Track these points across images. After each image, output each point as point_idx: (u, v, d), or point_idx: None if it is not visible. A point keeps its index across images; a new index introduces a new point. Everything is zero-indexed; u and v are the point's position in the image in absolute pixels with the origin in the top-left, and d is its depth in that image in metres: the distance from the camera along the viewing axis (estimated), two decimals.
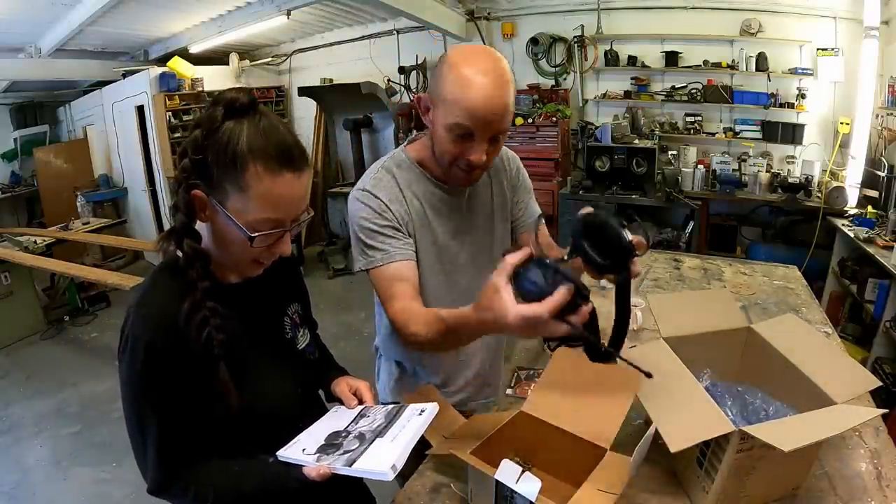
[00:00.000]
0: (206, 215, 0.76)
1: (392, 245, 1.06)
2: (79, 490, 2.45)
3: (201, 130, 0.72)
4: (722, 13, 4.07)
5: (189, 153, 0.73)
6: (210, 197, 0.74)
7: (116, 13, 3.93)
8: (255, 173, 0.71)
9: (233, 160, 0.71)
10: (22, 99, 6.18)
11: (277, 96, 6.07)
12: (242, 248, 0.77)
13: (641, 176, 4.30)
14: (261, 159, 0.71)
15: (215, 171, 0.72)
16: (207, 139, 0.72)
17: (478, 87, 0.91)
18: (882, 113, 3.56)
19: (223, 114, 0.72)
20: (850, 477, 1.00)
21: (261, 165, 0.71)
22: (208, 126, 0.72)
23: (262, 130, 0.72)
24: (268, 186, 0.72)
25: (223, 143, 0.71)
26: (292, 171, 0.74)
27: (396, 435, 0.81)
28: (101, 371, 3.47)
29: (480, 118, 0.94)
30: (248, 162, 0.71)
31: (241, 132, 0.71)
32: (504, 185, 1.26)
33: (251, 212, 0.73)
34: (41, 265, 3.87)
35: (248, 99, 0.73)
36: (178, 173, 0.75)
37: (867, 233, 3.15)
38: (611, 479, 0.84)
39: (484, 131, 0.96)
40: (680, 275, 2.12)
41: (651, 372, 0.85)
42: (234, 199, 0.73)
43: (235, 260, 0.81)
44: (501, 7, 4.86)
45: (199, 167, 0.73)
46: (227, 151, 0.71)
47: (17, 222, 6.11)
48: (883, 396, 2.40)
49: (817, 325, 1.61)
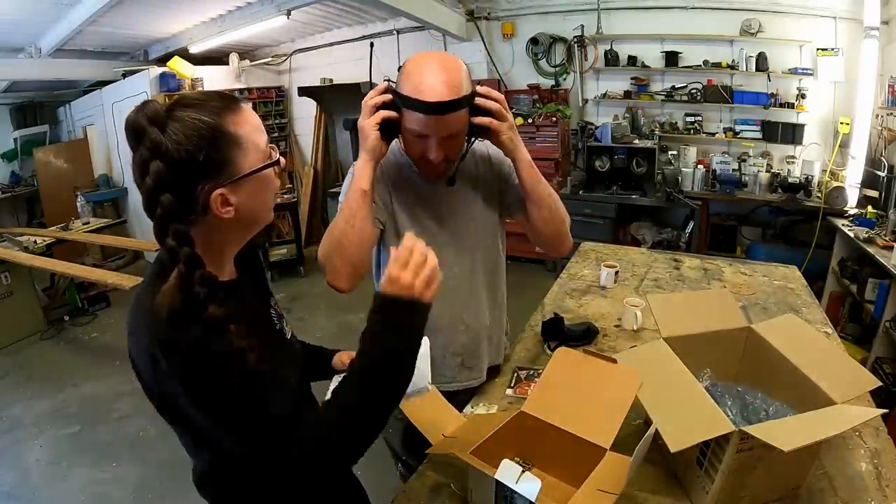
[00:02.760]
0: (231, 204, 0.74)
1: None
2: (79, 490, 2.45)
3: (160, 160, 0.67)
4: (722, 13, 4.07)
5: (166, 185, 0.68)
6: (227, 183, 0.73)
7: (116, 13, 3.92)
8: (233, 123, 0.73)
9: (214, 133, 0.71)
10: (22, 99, 6.17)
11: (277, 96, 6.07)
12: (269, 191, 0.80)
13: (641, 176, 4.30)
14: (225, 111, 0.73)
15: (214, 156, 0.71)
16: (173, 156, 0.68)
17: (426, 95, 1.01)
18: (882, 113, 3.56)
19: (159, 130, 0.69)
20: (850, 477, 1.00)
21: (230, 114, 0.73)
22: (160, 150, 0.68)
23: (199, 99, 0.73)
24: (247, 122, 0.75)
25: (194, 135, 0.69)
26: (241, 102, 0.78)
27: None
28: (101, 371, 3.47)
29: (431, 125, 1.05)
30: (222, 122, 0.72)
31: (191, 116, 0.70)
32: (492, 180, 1.29)
33: (256, 150, 0.76)
34: (41, 265, 3.86)
35: (158, 105, 0.71)
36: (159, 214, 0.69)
37: (867, 233, 3.15)
38: (611, 479, 0.84)
39: (436, 133, 1.06)
40: (680, 275, 2.12)
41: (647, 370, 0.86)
42: (241, 156, 0.74)
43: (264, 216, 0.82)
44: (501, 7, 4.86)
45: (198, 172, 0.71)
46: (204, 134, 0.70)
47: (17, 222, 6.10)
48: (883, 396, 2.39)
49: (817, 325, 1.61)
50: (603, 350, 1.52)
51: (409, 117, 1.06)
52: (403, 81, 1.06)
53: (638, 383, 0.96)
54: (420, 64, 1.05)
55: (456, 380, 1.34)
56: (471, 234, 1.27)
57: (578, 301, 1.89)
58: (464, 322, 1.31)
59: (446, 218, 1.25)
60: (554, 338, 1.54)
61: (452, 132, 1.08)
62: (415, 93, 1.02)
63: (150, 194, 0.68)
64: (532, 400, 1.05)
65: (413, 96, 1.02)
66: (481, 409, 1.31)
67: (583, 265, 2.23)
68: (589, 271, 2.15)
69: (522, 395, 1.34)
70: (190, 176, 0.70)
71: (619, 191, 4.33)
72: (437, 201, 1.24)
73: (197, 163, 0.69)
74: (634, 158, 4.28)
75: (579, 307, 1.84)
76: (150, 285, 0.74)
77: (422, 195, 1.24)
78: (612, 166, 4.35)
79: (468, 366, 1.35)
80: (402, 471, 1.45)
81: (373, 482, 1.07)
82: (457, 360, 1.33)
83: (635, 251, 2.45)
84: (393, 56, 5.17)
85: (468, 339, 1.33)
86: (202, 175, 0.71)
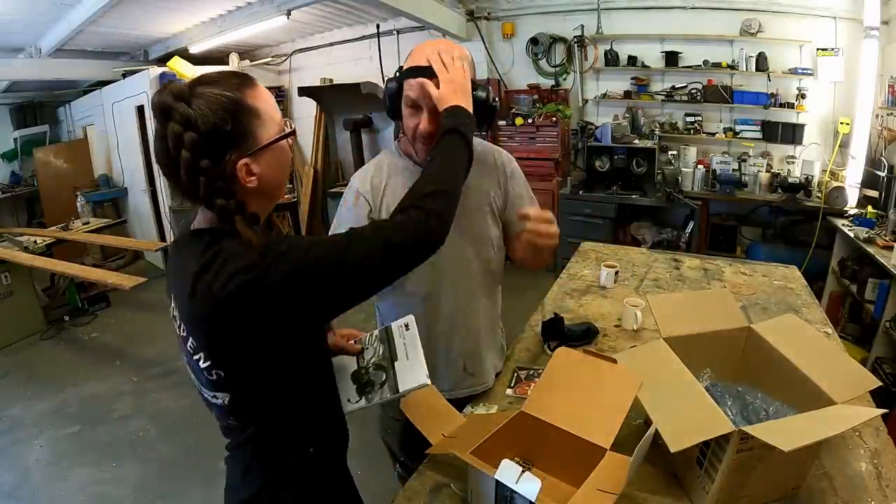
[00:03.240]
0: (254, 174, 0.79)
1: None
2: (79, 490, 2.45)
3: (191, 131, 0.72)
4: (722, 13, 4.07)
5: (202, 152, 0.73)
6: (250, 153, 0.78)
7: (116, 13, 3.92)
8: (252, 97, 0.79)
9: (238, 107, 0.76)
10: (22, 99, 6.17)
11: (277, 96, 6.06)
12: (286, 163, 0.87)
13: (641, 176, 4.30)
14: (244, 87, 0.79)
15: (239, 128, 0.77)
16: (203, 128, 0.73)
17: (416, 61, 1.10)
18: (882, 113, 3.56)
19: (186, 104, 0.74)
20: (850, 477, 1.00)
21: (248, 89, 0.79)
22: (190, 122, 0.73)
23: (219, 77, 0.78)
24: (264, 96, 0.82)
25: (220, 108, 0.75)
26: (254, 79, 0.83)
27: (406, 353, 0.99)
28: (101, 371, 3.47)
29: (419, 90, 1.09)
30: (243, 97, 0.77)
31: (214, 92, 0.75)
32: (496, 181, 1.31)
33: (274, 121, 0.82)
34: (41, 265, 3.86)
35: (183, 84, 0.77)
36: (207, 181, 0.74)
37: (867, 233, 3.15)
38: (611, 479, 0.84)
39: (425, 102, 1.10)
40: (680, 275, 2.12)
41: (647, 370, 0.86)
42: (261, 128, 0.79)
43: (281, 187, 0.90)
44: (501, 7, 4.86)
45: (225, 143, 0.76)
46: (230, 107, 0.75)
47: (17, 222, 6.10)
48: (883, 396, 2.40)
49: (817, 325, 1.61)
50: (603, 350, 1.52)
51: (406, 86, 1.12)
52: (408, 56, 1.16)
53: (638, 383, 0.96)
54: (423, 43, 1.15)
55: (460, 387, 1.33)
56: (468, 236, 1.26)
57: (578, 301, 1.89)
58: (465, 325, 1.30)
59: None
60: (554, 338, 1.54)
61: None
62: (409, 62, 1.13)
63: (190, 164, 0.73)
64: (532, 400, 1.05)
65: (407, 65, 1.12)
66: (481, 409, 1.31)
67: (583, 265, 2.23)
68: (589, 271, 2.15)
69: (522, 395, 1.34)
70: (219, 146, 0.75)
71: (619, 191, 4.33)
72: None
73: (224, 133, 0.75)
74: (634, 158, 4.28)
75: (579, 307, 1.84)
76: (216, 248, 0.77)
77: None
78: (612, 166, 4.35)
79: (471, 371, 1.34)
80: (399, 472, 1.44)
81: (372, 482, 1.07)
82: (459, 365, 1.32)
83: (635, 251, 2.45)
84: (393, 56, 5.17)
85: (469, 342, 1.32)
86: (229, 145, 0.76)
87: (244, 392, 0.83)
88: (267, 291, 0.74)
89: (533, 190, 1.40)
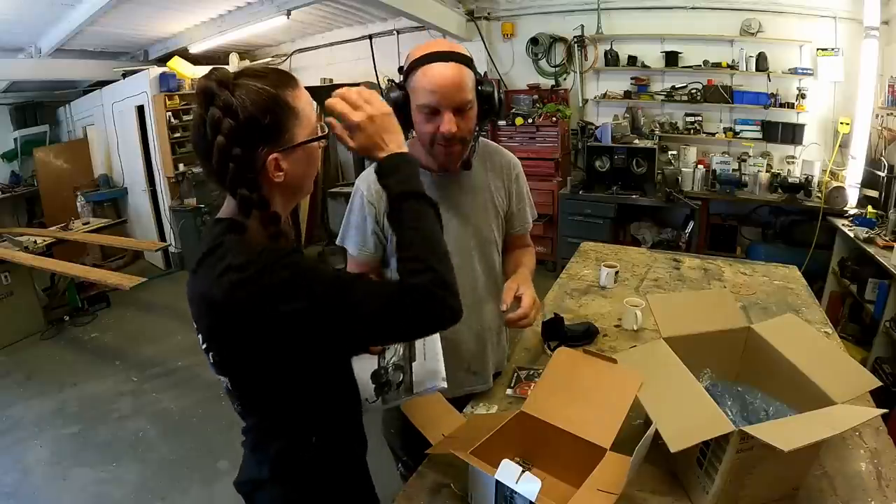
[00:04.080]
0: (282, 170, 0.80)
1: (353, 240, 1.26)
2: (79, 490, 2.45)
3: (230, 118, 0.74)
4: (722, 13, 4.07)
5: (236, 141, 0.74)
6: (282, 149, 0.79)
7: (116, 13, 3.92)
8: (293, 97, 0.80)
9: (278, 103, 0.77)
10: (22, 99, 6.17)
11: None
12: (314, 164, 0.87)
13: (641, 176, 4.30)
14: (287, 85, 0.79)
15: (276, 123, 0.77)
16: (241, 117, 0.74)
17: (433, 68, 1.08)
18: (882, 113, 3.56)
19: (230, 92, 0.75)
20: (850, 477, 1.00)
21: (290, 89, 0.80)
22: (231, 110, 0.74)
23: (264, 73, 0.79)
24: (304, 98, 0.82)
25: (260, 101, 0.76)
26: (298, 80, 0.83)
27: (425, 353, 0.98)
28: (101, 371, 3.47)
29: (439, 93, 1.08)
30: (284, 95, 0.78)
31: (258, 85, 0.76)
32: (503, 184, 1.33)
33: (309, 123, 0.82)
34: (41, 265, 3.86)
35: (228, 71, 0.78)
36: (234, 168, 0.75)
37: (867, 233, 3.15)
38: (611, 479, 0.84)
39: (446, 104, 1.09)
40: (680, 275, 2.12)
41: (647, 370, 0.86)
42: (297, 127, 0.80)
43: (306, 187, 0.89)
44: (501, 7, 4.86)
45: (259, 136, 0.76)
46: (270, 102, 0.76)
47: (17, 222, 6.09)
48: (883, 396, 2.39)
49: (817, 325, 1.61)
50: (603, 350, 1.52)
51: (419, 93, 1.10)
52: (409, 62, 1.12)
53: (638, 383, 0.96)
54: (426, 43, 1.13)
55: (463, 386, 1.34)
56: (474, 238, 1.28)
57: (578, 301, 1.89)
58: (469, 325, 1.31)
59: (451, 216, 1.25)
60: (554, 338, 1.54)
61: (462, 101, 1.10)
62: (423, 69, 1.08)
63: (223, 150, 0.74)
64: (532, 400, 1.05)
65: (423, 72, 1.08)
66: (481, 409, 1.31)
67: (583, 265, 2.23)
68: (589, 271, 2.15)
69: (522, 395, 1.34)
70: (254, 137, 0.76)
71: (619, 191, 4.33)
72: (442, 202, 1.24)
73: (261, 126, 0.76)
74: (634, 158, 4.28)
75: (579, 307, 1.84)
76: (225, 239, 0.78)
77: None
78: (612, 166, 4.35)
79: (474, 370, 1.35)
80: (402, 471, 1.45)
81: (376, 481, 1.07)
82: (463, 366, 1.33)
83: (635, 251, 2.45)
84: (393, 56, 5.17)
85: (474, 343, 1.33)
86: (263, 138, 0.77)
87: (241, 379, 0.84)
88: (253, 296, 0.73)
89: (533, 190, 1.42)
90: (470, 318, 1.31)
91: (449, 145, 1.13)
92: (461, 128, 1.11)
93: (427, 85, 1.08)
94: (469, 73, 1.11)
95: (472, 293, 1.30)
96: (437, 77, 1.07)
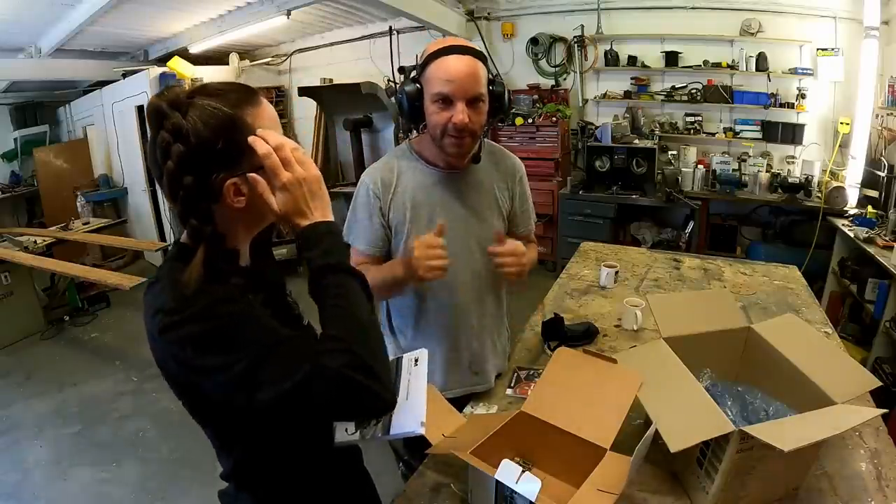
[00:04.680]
0: (243, 194, 0.74)
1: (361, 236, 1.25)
2: (79, 490, 2.45)
3: (181, 143, 0.68)
4: (722, 13, 4.07)
5: (188, 168, 0.69)
6: (240, 173, 0.73)
7: (116, 13, 3.92)
8: (251, 115, 0.73)
9: (233, 125, 0.71)
10: (22, 99, 6.17)
11: (277, 96, 6.06)
12: None
13: (641, 176, 4.30)
14: (245, 104, 0.73)
15: (230, 147, 0.71)
16: (193, 141, 0.69)
17: (448, 60, 1.11)
18: (882, 113, 3.56)
19: (181, 114, 0.70)
20: (850, 477, 1.00)
21: (249, 107, 0.74)
22: (181, 134, 0.69)
23: (221, 90, 0.73)
24: (265, 116, 0.76)
25: (213, 124, 0.70)
26: (261, 96, 0.77)
27: (408, 391, 0.89)
28: (101, 371, 3.47)
29: (455, 83, 1.10)
30: (241, 115, 0.72)
31: (212, 105, 0.70)
32: (507, 185, 1.35)
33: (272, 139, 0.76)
34: (41, 265, 3.86)
35: (181, 90, 0.73)
36: (183, 196, 0.70)
37: (867, 233, 3.14)
38: (611, 479, 0.84)
39: (460, 94, 1.11)
40: (680, 275, 2.12)
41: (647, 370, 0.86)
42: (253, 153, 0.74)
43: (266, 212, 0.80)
44: (501, 7, 4.86)
45: (213, 161, 0.71)
46: (224, 124, 0.70)
47: (17, 222, 6.09)
48: (883, 396, 2.39)
49: (817, 325, 1.61)
50: (603, 350, 1.52)
51: (434, 82, 1.12)
52: (425, 55, 1.15)
53: (638, 383, 0.96)
54: (438, 42, 1.15)
55: (463, 385, 1.35)
56: (478, 237, 1.29)
57: (578, 301, 1.89)
58: (470, 323, 1.32)
59: (456, 212, 1.27)
60: (554, 338, 1.54)
61: (475, 93, 1.12)
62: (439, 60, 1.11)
63: (173, 176, 0.69)
64: (532, 400, 1.05)
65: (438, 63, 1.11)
66: (481, 409, 1.31)
67: (583, 265, 2.23)
68: (589, 271, 2.15)
69: (522, 395, 1.34)
70: (206, 163, 0.70)
71: (619, 191, 4.33)
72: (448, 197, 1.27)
73: (214, 150, 0.70)
74: (634, 158, 4.28)
75: (579, 307, 1.84)
76: (170, 269, 0.74)
77: (434, 195, 1.26)
78: (612, 166, 4.35)
79: (475, 370, 1.36)
80: (403, 470, 1.45)
81: (378, 480, 1.07)
82: (465, 364, 1.34)
83: (635, 251, 2.45)
84: (393, 56, 5.17)
85: (476, 343, 1.34)
86: (218, 164, 0.71)
87: (196, 413, 0.81)
88: (174, 344, 0.69)
89: (533, 190, 1.45)
90: (470, 315, 1.32)
91: (460, 137, 1.14)
92: (472, 120, 1.13)
93: (443, 74, 1.10)
94: (483, 69, 1.14)
95: (473, 290, 1.31)
96: (452, 68, 1.10)
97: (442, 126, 1.14)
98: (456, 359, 1.33)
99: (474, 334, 1.34)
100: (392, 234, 1.26)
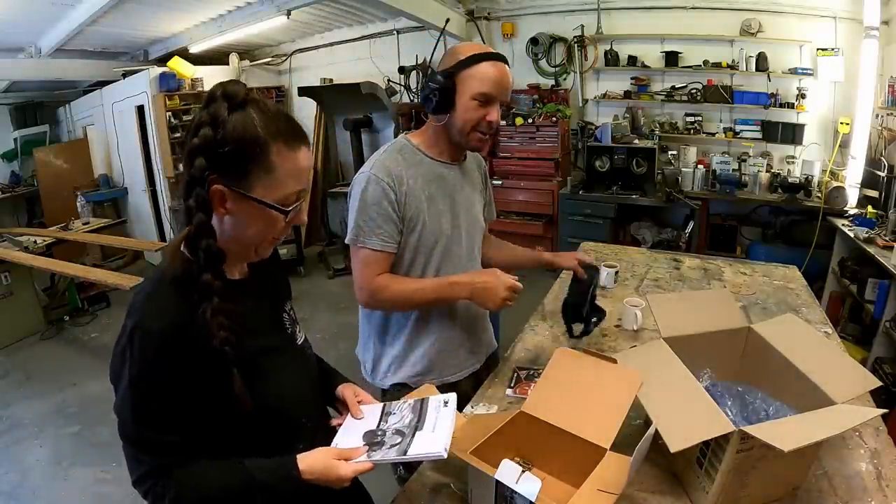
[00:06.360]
0: (226, 209, 0.77)
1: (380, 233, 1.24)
2: (79, 490, 2.45)
3: (210, 128, 0.73)
4: (722, 13, 4.07)
5: (203, 151, 0.73)
6: (232, 188, 0.75)
7: (116, 13, 3.93)
8: (278, 153, 0.75)
9: (256, 146, 0.74)
10: (22, 99, 6.17)
11: (277, 96, 6.07)
12: (267, 229, 0.81)
13: (641, 176, 4.30)
14: (282, 139, 0.76)
15: (239, 161, 0.74)
16: (218, 134, 0.73)
17: (497, 65, 1.22)
18: (882, 113, 3.56)
19: (227, 108, 0.73)
20: (850, 477, 1.00)
21: (283, 145, 0.76)
22: (216, 122, 0.73)
23: (272, 113, 0.77)
24: (292, 162, 0.77)
25: (240, 132, 0.73)
26: (306, 144, 0.80)
27: (435, 425, 0.88)
28: (101, 371, 3.44)
29: (501, 87, 1.22)
30: (270, 144, 0.75)
31: (254, 119, 0.74)
32: (481, 178, 1.49)
33: (280, 189, 0.77)
34: (41, 265, 3.86)
35: (244, 91, 0.76)
36: (191, 173, 0.74)
37: (867, 233, 3.14)
38: (611, 479, 0.84)
39: (501, 98, 1.23)
40: (680, 275, 2.11)
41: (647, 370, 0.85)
42: (262, 181, 0.76)
43: (251, 245, 0.83)
44: (501, 7, 4.86)
45: (218, 162, 0.74)
46: (248, 139, 0.73)
47: (17, 222, 6.09)
48: (883, 396, 2.40)
49: (817, 325, 1.61)
50: (603, 350, 1.52)
51: (472, 83, 1.19)
52: (454, 57, 1.22)
53: (638, 383, 0.96)
54: (478, 48, 1.24)
55: (462, 367, 1.44)
56: (472, 220, 1.40)
57: None
58: (469, 311, 1.41)
59: (459, 203, 1.36)
60: (577, 319, 1.50)
61: (508, 99, 1.26)
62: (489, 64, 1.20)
63: (191, 152, 0.74)
64: (532, 400, 1.05)
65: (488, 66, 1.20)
66: (481, 409, 1.31)
67: None
68: None
69: (522, 395, 1.34)
70: (213, 156, 0.73)
71: (619, 191, 4.33)
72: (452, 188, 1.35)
73: (225, 152, 0.73)
74: (634, 158, 4.28)
75: None
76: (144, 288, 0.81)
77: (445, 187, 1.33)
78: (612, 166, 4.35)
79: (472, 350, 1.46)
80: (401, 472, 1.44)
81: (373, 482, 1.07)
82: (465, 346, 1.43)
83: (635, 251, 2.45)
84: (393, 57, 5.17)
85: (473, 325, 1.45)
86: (218, 164, 0.74)
87: None
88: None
89: (533, 190, 1.53)
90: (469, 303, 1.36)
91: (489, 134, 1.25)
92: (497, 122, 1.25)
93: (492, 76, 1.20)
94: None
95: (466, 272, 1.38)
96: (500, 73, 1.21)
97: (475, 122, 1.22)
98: (455, 342, 1.41)
99: (472, 320, 1.44)
100: (404, 227, 1.26)
